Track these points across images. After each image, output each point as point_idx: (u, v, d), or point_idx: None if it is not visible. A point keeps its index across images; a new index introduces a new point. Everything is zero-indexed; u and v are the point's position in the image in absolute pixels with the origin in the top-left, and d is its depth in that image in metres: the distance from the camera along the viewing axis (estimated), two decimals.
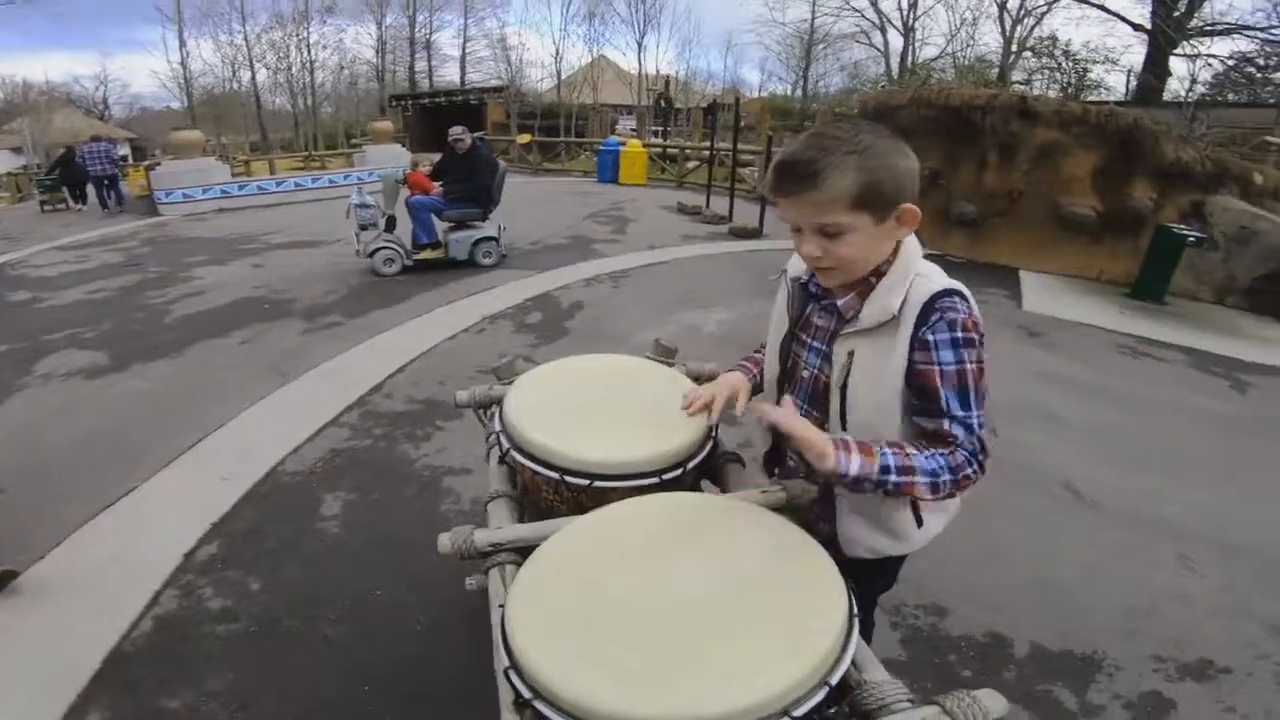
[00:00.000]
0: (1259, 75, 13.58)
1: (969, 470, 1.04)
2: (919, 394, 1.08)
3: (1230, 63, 13.96)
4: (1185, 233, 6.16)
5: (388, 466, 3.04)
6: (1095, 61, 16.89)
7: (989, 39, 26.21)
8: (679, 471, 1.20)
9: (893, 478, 1.01)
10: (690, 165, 13.48)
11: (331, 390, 3.83)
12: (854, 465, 1.00)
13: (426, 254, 6.64)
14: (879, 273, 1.11)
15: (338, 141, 25.76)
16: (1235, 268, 6.53)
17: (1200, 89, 14.58)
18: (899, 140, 1.06)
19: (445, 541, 1.04)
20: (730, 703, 0.71)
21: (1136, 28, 16.34)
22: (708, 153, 10.76)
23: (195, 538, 2.53)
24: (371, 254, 6.34)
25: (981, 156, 6.72)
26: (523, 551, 1.04)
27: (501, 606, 0.88)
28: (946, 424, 1.04)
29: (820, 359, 1.19)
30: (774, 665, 0.76)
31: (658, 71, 31.27)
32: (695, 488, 1.30)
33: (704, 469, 1.33)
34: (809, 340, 1.23)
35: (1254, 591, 2.45)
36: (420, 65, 34.69)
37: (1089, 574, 2.47)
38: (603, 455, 1.16)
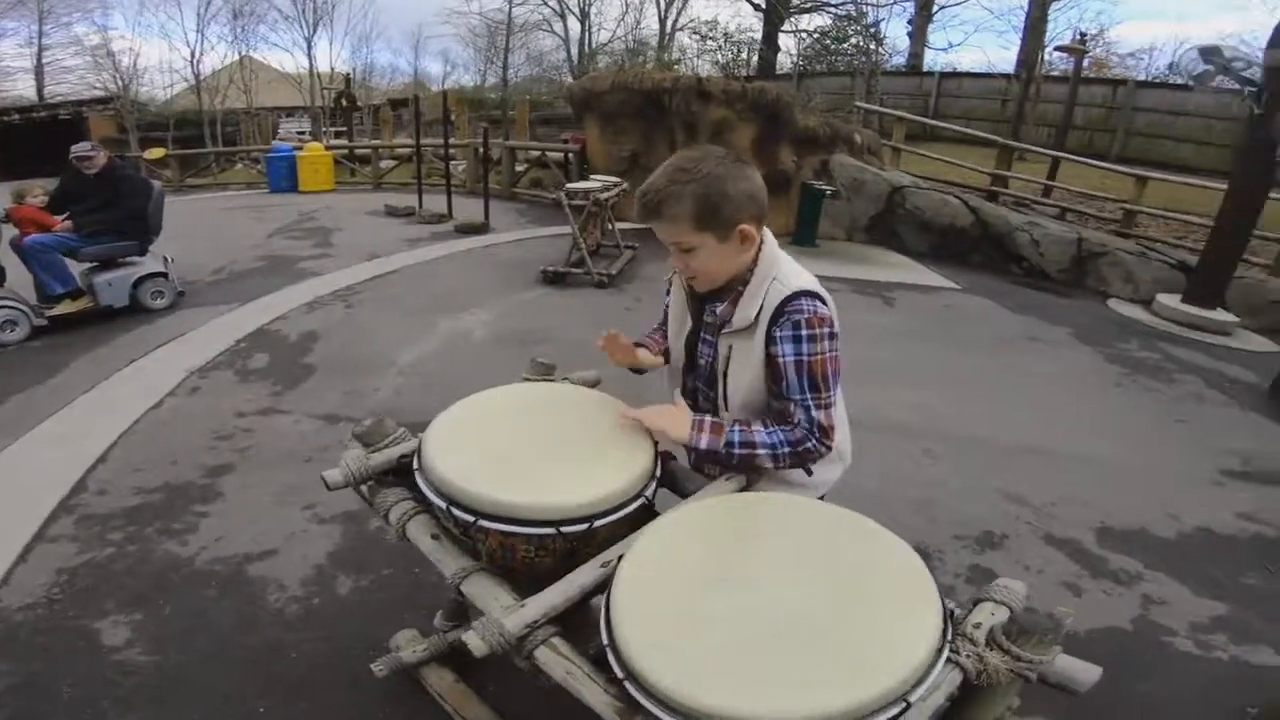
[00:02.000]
0: (833, 46, 17.50)
1: (808, 444, 1.25)
2: (772, 379, 1.30)
3: (815, 36, 17.70)
4: (822, 187, 7.78)
5: (159, 572, 2.37)
6: (745, 42, 19.83)
7: (652, 21, 28.53)
8: (654, 485, 1.20)
9: (737, 450, 1.24)
10: (386, 165, 12.49)
11: (10, 500, 2.79)
12: (704, 441, 1.25)
13: (66, 307, 5.07)
14: (745, 281, 1.31)
15: None
16: (855, 211, 8.48)
17: (801, 62, 18.18)
18: (742, 166, 1.26)
19: (478, 643, 0.89)
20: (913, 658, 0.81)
21: (756, 7, 19.60)
22: (407, 150, 10.11)
23: None
24: None
25: (671, 135, 7.53)
26: (556, 621, 0.95)
27: (624, 679, 0.80)
28: (790, 406, 1.26)
29: (711, 349, 1.40)
30: (922, 613, 0.87)
31: (333, 69, 28.02)
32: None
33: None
34: (703, 335, 1.42)
35: (981, 468, 3.31)
36: None
37: (881, 479, 3.07)
38: (592, 493, 1.10)
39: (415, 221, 8.64)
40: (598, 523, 1.08)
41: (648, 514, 1.18)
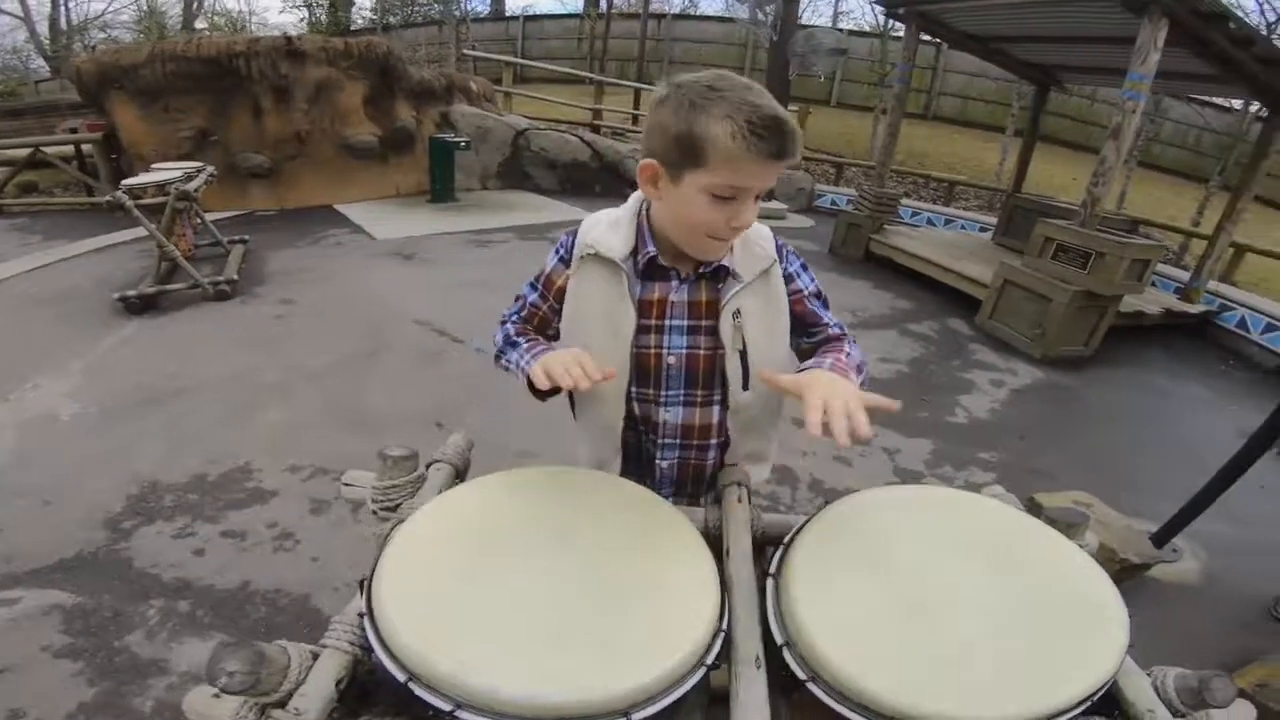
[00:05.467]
0: None
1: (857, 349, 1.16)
2: (799, 321, 1.14)
3: None
4: (451, 140, 7.31)
5: None
6: None
7: None
8: None
9: (862, 375, 1.06)
10: None
11: None
12: (855, 380, 1.01)
13: None
14: None
15: None
16: (485, 159, 8.25)
17: (378, 15, 16.39)
18: None
19: None
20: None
21: None
22: None
23: None
24: None
25: (255, 104, 6.17)
26: None
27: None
28: (831, 329, 1.15)
29: (691, 336, 1.12)
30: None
31: None
32: None
33: None
34: (667, 322, 1.11)
35: None
36: None
37: None
38: (710, 604, 0.79)
39: None
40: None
41: None
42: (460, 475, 1.19)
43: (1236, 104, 11.04)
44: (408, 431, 3.10)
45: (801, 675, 0.74)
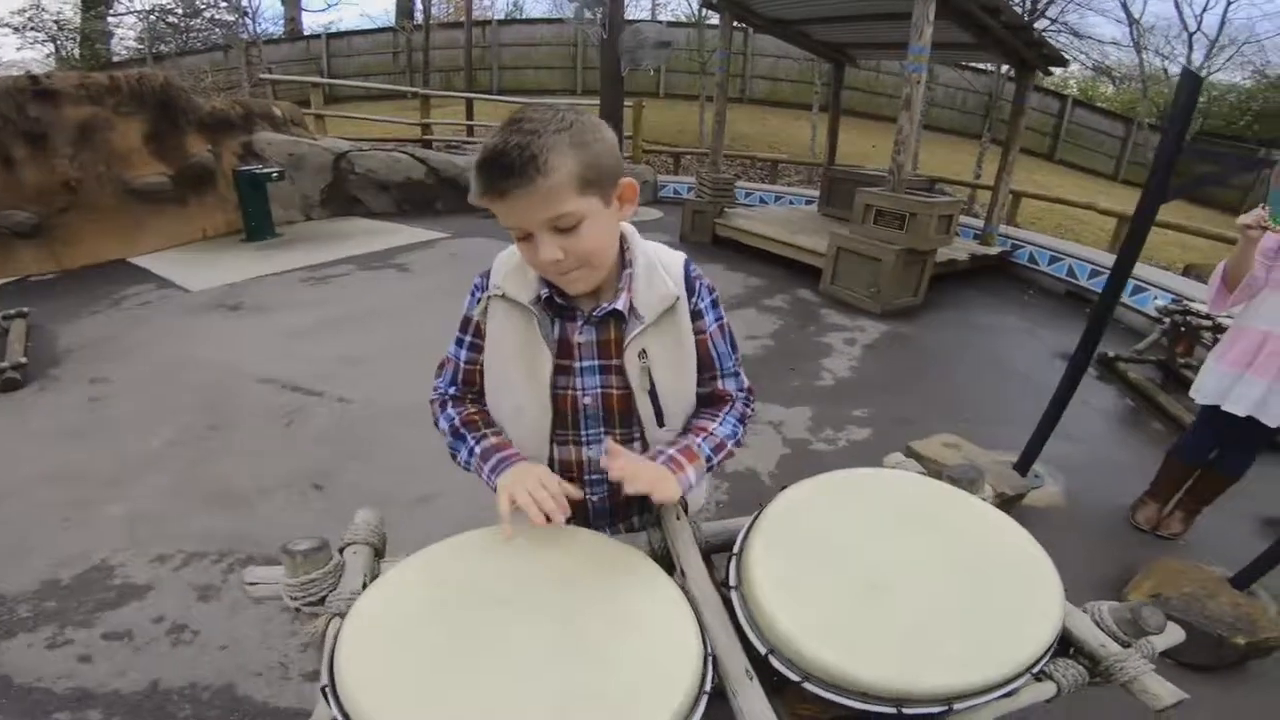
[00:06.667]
0: (181, 24, 14.26)
1: (748, 411, 1.18)
2: (702, 360, 1.13)
3: (156, 14, 14.08)
4: (260, 171, 6.62)
5: None
6: (78, 30, 14.23)
7: None
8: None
9: (715, 460, 1.11)
10: None
11: None
12: (692, 475, 1.04)
13: None
14: (624, 262, 1.06)
15: None
16: (304, 188, 7.58)
17: (146, 44, 14.30)
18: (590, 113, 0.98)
19: None
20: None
21: None
22: None
23: None
24: None
25: (4, 154, 5.18)
26: None
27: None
28: (720, 383, 1.14)
29: (603, 375, 1.09)
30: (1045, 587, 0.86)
31: None
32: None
33: None
34: (578, 364, 1.08)
35: None
36: None
37: None
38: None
39: None
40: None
41: None
42: (379, 553, 1.10)
43: (991, 67, 12.82)
44: (283, 499, 2.80)
45: (794, 678, 0.76)
